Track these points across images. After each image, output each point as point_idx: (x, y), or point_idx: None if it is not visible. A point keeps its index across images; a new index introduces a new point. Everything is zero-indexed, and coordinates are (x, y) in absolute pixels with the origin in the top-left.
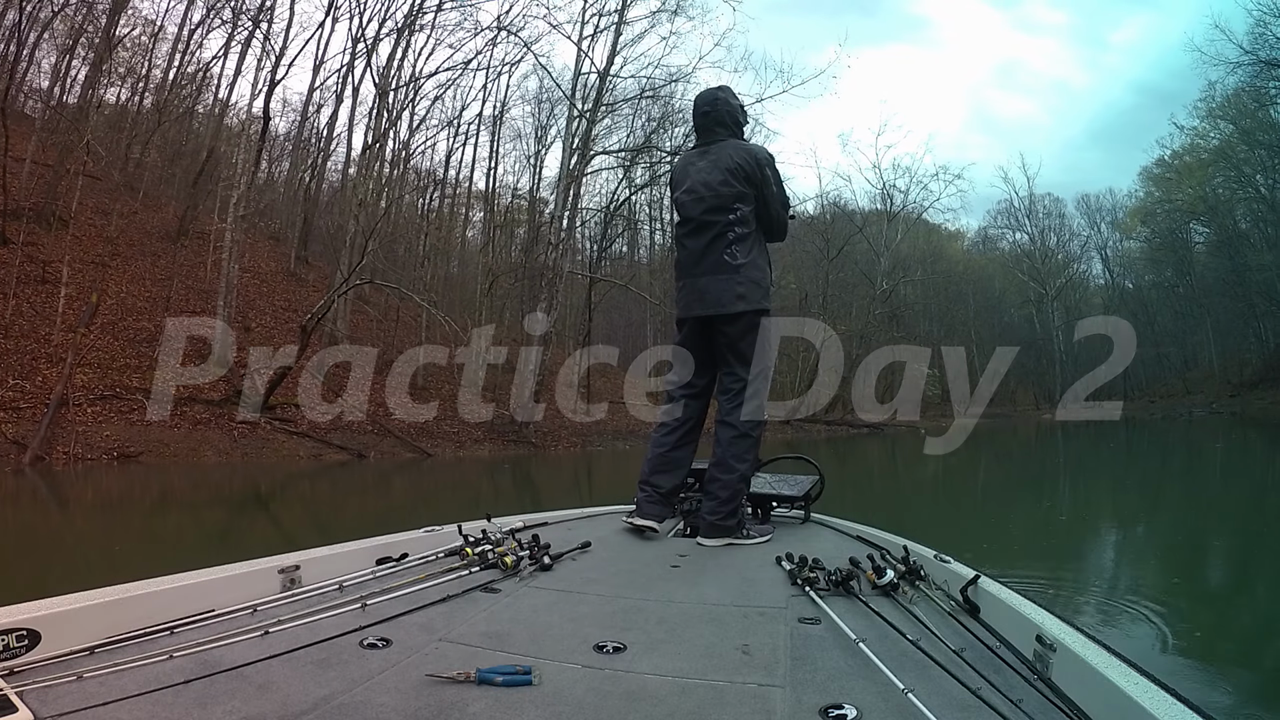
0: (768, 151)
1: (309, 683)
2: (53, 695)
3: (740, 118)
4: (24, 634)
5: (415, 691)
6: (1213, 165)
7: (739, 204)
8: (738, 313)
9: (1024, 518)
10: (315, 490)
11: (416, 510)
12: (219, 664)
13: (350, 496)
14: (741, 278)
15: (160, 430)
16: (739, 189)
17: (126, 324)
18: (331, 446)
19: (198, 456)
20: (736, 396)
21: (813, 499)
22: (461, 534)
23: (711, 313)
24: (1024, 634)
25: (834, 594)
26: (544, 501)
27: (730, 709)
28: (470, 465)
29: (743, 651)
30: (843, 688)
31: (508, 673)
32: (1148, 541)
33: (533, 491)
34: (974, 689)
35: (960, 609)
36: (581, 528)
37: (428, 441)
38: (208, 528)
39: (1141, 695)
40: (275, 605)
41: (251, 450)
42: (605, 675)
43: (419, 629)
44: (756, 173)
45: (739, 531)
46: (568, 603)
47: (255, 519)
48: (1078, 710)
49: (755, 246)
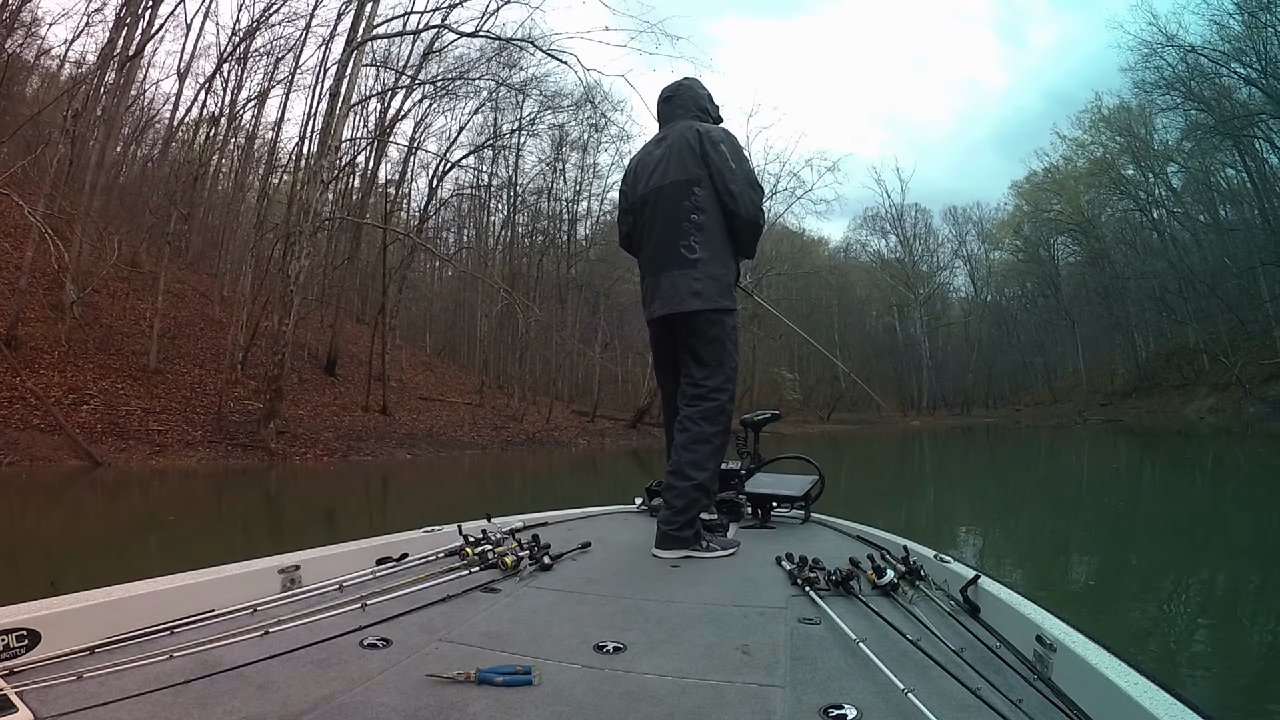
0: (723, 129)
1: (309, 683)
2: (53, 695)
3: (707, 105)
4: (24, 634)
5: (415, 691)
6: (1091, 176)
7: (695, 188)
8: (693, 311)
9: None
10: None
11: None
12: (219, 664)
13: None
14: (699, 273)
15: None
16: (694, 172)
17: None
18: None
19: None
20: (693, 401)
21: (813, 499)
22: (461, 534)
23: (667, 311)
24: (1024, 634)
25: (834, 594)
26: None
27: (730, 709)
28: (137, 488)
29: (743, 651)
30: (843, 688)
31: (508, 673)
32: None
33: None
34: (974, 689)
35: (960, 609)
36: (581, 528)
37: (113, 442)
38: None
39: (1141, 695)
40: (275, 605)
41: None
42: (605, 675)
43: (419, 629)
44: (710, 149)
45: (696, 543)
46: (568, 603)
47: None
48: (1078, 710)
49: (718, 238)
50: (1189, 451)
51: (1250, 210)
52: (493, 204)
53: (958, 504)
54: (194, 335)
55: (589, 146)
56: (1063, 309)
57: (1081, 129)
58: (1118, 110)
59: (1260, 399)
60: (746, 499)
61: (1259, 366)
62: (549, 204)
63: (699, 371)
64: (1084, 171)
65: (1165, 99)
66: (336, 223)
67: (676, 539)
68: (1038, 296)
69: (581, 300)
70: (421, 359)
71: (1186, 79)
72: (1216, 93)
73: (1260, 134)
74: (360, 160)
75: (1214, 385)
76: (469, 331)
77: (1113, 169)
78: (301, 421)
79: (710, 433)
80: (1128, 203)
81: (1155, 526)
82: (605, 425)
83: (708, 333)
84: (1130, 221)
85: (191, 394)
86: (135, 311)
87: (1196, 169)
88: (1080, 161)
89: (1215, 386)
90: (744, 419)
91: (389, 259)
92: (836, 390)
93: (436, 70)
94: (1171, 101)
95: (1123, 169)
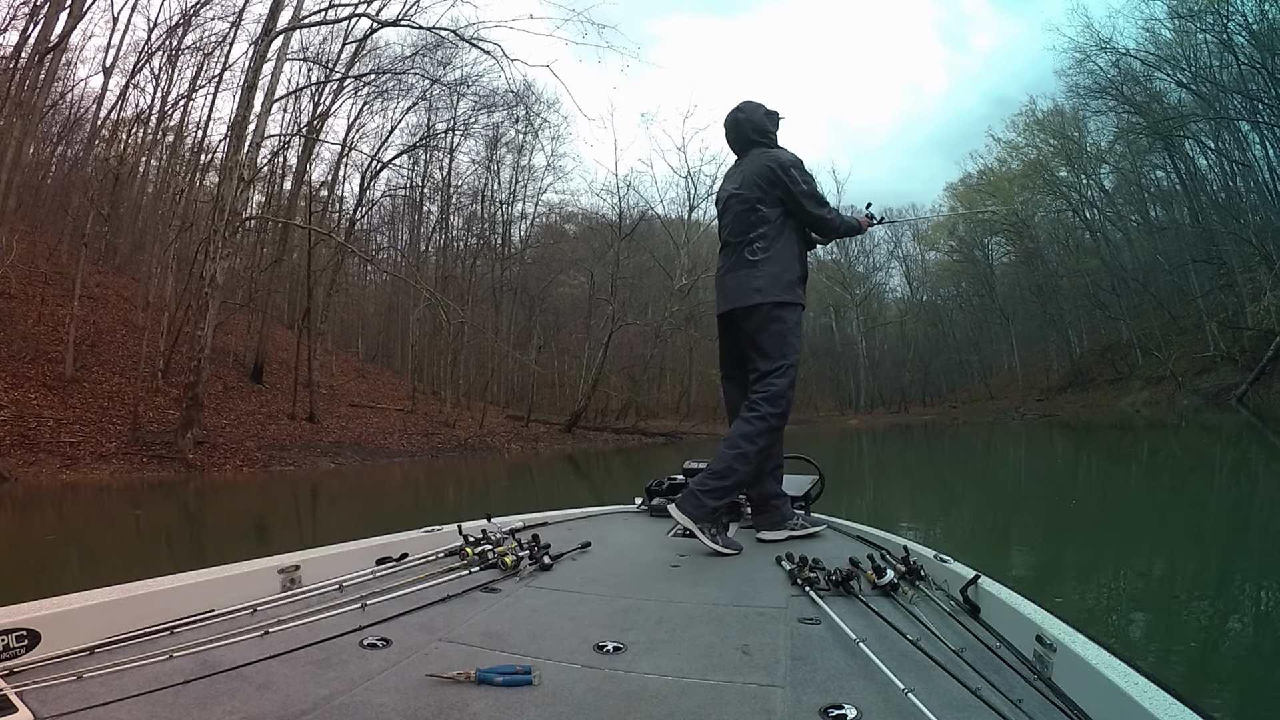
0: (792, 154)
1: (309, 683)
2: (53, 695)
3: (766, 125)
4: (24, 634)
5: (415, 691)
6: (1025, 177)
7: (760, 206)
8: (753, 305)
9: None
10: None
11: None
12: (219, 664)
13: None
14: (759, 272)
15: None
16: (761, 193)
17: None
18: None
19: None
20: (756, 386)
21: (813, 499)
22: (461, 534)
23: (730, 307)
24: (1024, 634)
25: (834, 594)
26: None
27: (730, 709)
28: (40, 504)
29: (743, 651)
30: (843, 688)
31: (508, 673)
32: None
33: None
34: (974, 689)
35: (960, 609)
36: (582, 528)
37: (22, 455)
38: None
39: (1142, 695)
40: (275, 605)
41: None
42: (605, 675)
43: (419, 629)
44: (779, 175)
45: (707, 524)
46: (568, 603)
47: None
48: (1078, 710)
49: (780, 243)
50: (1127, 443)
51: (1180, 210)
52: (428, 207)
53: (897, 498)
54: (115, 342)
55: (524, 148)
56: (998, 308)
57: (1016, 132)
58: (1052, 114)
59: (1194, 391)
60: (747, 499)
61: (1192, 360)
62: (483, 206)
63: (761, 361)
64: (1018, 173)
65: (1098, 103)
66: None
67: (695, 500)
68: (972, 296)
69: (517, 304)
70: (354, 365)
71: (1119, 83)
72: (1148, 96)
73: (1191, 134)
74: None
75: (1148, 379)
76: (402, 336)
77: (1046, 171)
78: (224, 431)
79: (767, 412)
80: (1061, 203)
81: (1095, 514)
82: (540, 430)
83: (769, 324)
84: (1063, 222)
85: (109, 403)
86: (54, 317)
87: (1128, 170)
88: (1015, 164)
89: (1149, 380)
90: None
91: (318, 262)
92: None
93: (369, 67)
94: (1104, 105)
95: (1056, 171)
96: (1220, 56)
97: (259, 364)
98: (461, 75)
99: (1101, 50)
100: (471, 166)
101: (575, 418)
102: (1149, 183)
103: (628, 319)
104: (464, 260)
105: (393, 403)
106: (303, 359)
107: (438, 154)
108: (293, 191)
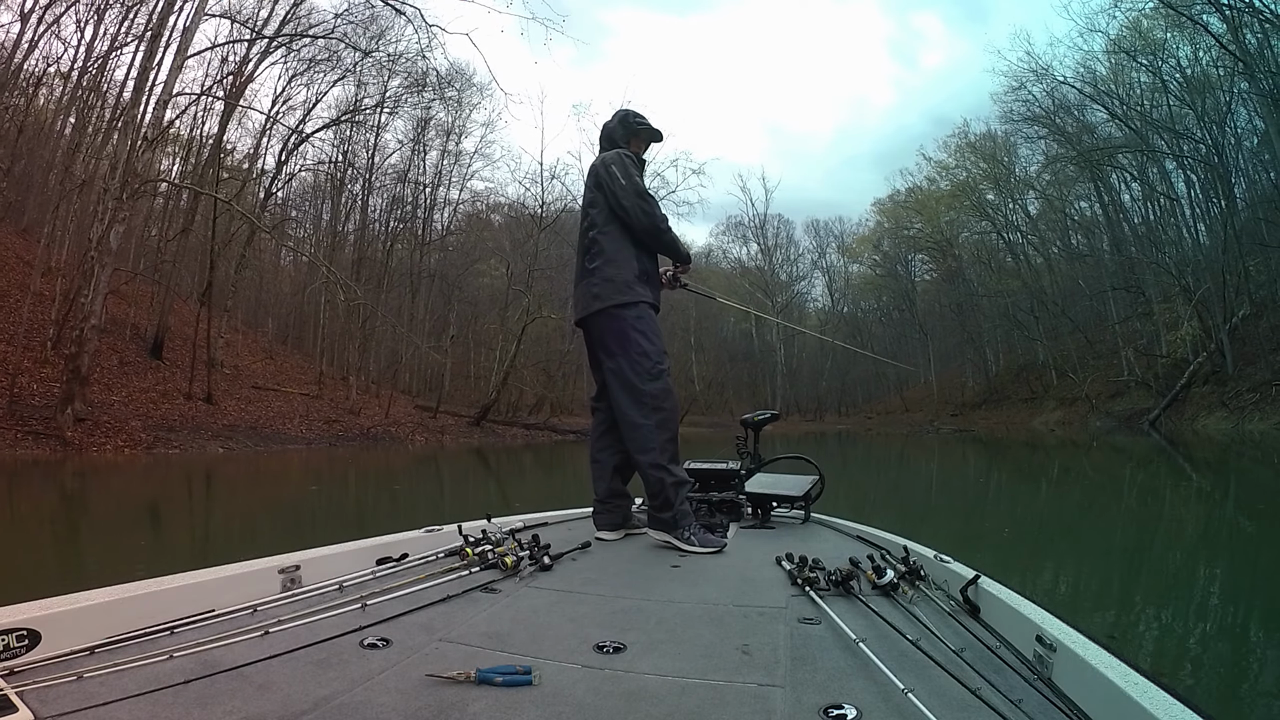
0: (615, 151)
1: (309, 683)
2: (53, 695)
3: (618, 131)
4: (24, 634)
5: (415, 691)
6: (953, 198)
7: (590, 209)
8: (594, 312)
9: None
10: None
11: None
12: (219, 664)
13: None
14: (596, 279)
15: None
16: (592, 195)
17: None
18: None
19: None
20: (618, 392)
21: (813, 499)
22: (461, 534)
23: (577, 318)
24: (1024, 634)
25: (834, 594)
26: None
27: (730, 709)
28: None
29: (743, 651)
30: (843, 688)
31: (508, 673)
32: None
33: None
34: (974, 689)
35: (960, 609)
36: (582, 528)
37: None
38: None
39: (1141, 695)
40: (275, 605)
41: None
42: (605, 675)
43: (419, 629)
44: (603, 173)
45: (676, 531)
46: (568, 603)
47: None
48: (1078, 710)
49: (615, 245)
50: (1042, 460)
51: (1101, 239)
52: (353, 187)
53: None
54: (8, 307)
55: (452, 131)
56: (917, 323)
57: (947, 153)
58: (983, 138)
59: (1106, 413)
60: (746, 499)
61: (1106, 384)
62: (406, 188)
63: (609, 361)
64: (946, 193)
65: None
66: (180, 192)
67: (656, 520)
68: (892, 310)
69: (435, 291)
70: (262, 345)
71: (1052, 113)
72: (1080, 127)
73: (1119, 165)
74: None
75: (1061, 399)
76: (315, 318)
77: (974, 193)
78: (111, 408)
79: (650, 413)
80: (986, 225)
81: (1003, 525)
82: (448, 422)
83: (613, 325)
84: (987, 243)
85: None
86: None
87: (1054, 198)
88: (944, 183)
89: (1062, 401)
90: (744, 419)
91: (230, 235)
92: (690, 393)
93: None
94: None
95: (984, 194)
96: (1152, 96)
97: (159, 339)
98: (396, 52)
99: (1038, 79)
100: (398, 148)
101: (485, 411)
102: (1073, 211)
103: (542, 312)
104: (383, 243)
105: (299, 387)
106: (204, 336)
107: (364, 133)
108: (209, 159)
